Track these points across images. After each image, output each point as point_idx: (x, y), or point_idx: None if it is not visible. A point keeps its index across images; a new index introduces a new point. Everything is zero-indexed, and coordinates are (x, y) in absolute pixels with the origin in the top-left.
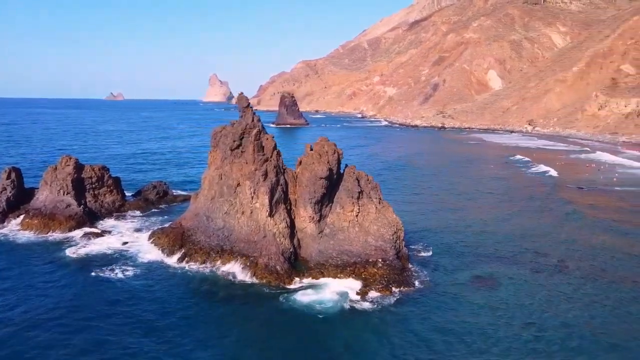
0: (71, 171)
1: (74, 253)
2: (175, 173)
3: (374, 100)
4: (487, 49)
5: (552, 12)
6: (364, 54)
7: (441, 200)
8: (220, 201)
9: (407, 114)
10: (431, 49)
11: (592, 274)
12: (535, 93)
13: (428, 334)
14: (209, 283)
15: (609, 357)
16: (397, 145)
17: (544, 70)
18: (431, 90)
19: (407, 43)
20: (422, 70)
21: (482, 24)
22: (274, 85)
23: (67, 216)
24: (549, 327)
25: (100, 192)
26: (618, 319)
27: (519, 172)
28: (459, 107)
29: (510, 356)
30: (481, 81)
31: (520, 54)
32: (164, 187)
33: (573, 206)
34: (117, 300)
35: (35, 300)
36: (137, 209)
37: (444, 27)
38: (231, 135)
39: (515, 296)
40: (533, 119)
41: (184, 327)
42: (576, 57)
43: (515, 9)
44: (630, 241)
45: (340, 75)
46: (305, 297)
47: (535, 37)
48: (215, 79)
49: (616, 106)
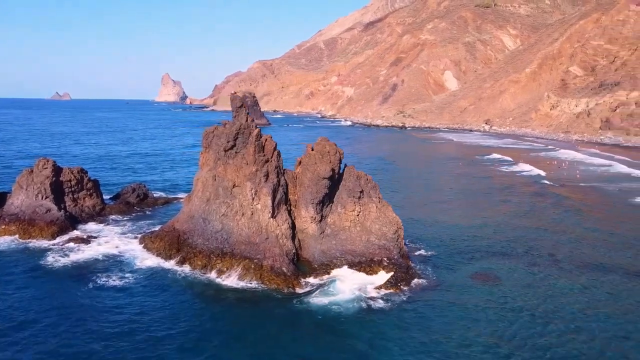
0: (49, 174)
1: (63, 260)
2: (148, 175)
3: (332, 100)
4: (443, 50)
5: (503, 15)
6: (320, 54)
7: (427, 199)
8: (216, 203)
9: (367, 113)
10: (387, 49)
11: (583, 263)
12: (490, 93)
13: (448, 328)
14: (214, 287)
15: (609, 333)
16: (367, 145)
17: (498, 71)
18: (390, 90)
19: (363, 44)
20: (380, 70)
21: (437, 26)
22: (231, 85)
23: (48, 222)
24: (554, 316)
25: (80, 196)
26: (615, 301)
27: (500, 170)
28: (418, 106)
29: (526, 346)
30: (438, 82)
31: (475, 55)
32: (144, 190)
33: (557, 200)
34: (120, 309)
35: (33, 312)
36: (119, 212)
37: (399, 28)
38: (225, 135)
39: (518, 289)
40: (490, 118)
41: (199, 334)
42: (528, 59)
43: (468, 12)
44: (610, 233)
45: (298, 75)
46: (319, 299)
47: (487, 39)
48: (168, 78)
49: (567, 106)
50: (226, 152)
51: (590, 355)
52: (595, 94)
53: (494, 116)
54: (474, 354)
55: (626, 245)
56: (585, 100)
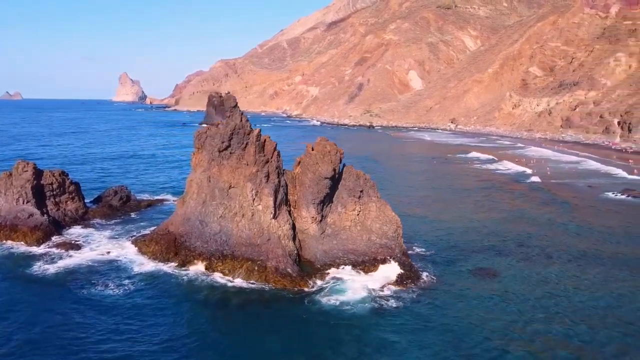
0: (30, 177)
1: (54, 267)
2: (124, 177)
3: (297, 100)
4: (407, 50)
5: (463, 16)
6: (283, 54)
7: (416, 198)
8: (213, 205)
9: (334, 113)
10: (351, 49)
11: (573, 256)
12: (455, 93)
13: (456, 323)
14: (221, 290)
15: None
16: (345, 144)
17: (461, 71)
18: (356, 90)
19: (326, 43)
20: (345, 70)
21: (400, 27)
22: (193, 84)
23: (32, 227)
24: (552, 303)
25: (62, 200)
26: (601, 284)
27: (483, 168)
28: (385, 106)
29: (535, 338)
30: (403, 81)
31: (438, 55)
32: (126, 192)
33: (537, 196)
34: (124, 316)
35: (28, 326)
36: (103, 216)
37: (362, 28)
38: (219, 136)
39: (516, 283)
40: (455, 117)
41: (211, 337)
42: (490, 59)
43: (430, 13)
44: (589, 225)
45: (261, 74)
46: (330, 298)
47: (449, 40)
48: (126, 77)
49: (529, 105)
50: (220, 153)
51: (588, 334)
52: (556, 94)
53: (459, 115)
54: (494, 345)
55: (607, 236)
56: (546, 100)
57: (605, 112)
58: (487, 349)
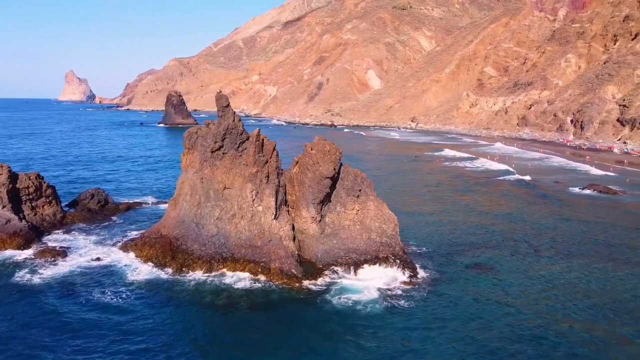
0: (5, 181)
1: (40, 276)
2: (96, 180)
3: (255, 99)
4: (365, 50)
5: (418, 17)
6: (239, 53)
7: (403, 197)
8: (208, 206)
9: (294, 112)
10: (309, 49)
11: (562, 252)
12: (414, 92)
13: (471, 318)
14: (226, 294)
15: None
16: None
17: (419, 71)
18: (316, 89)
19: (283, 42)
20: (304, 69)
21: (357, 27)
22: (145, 83)
23: (11, 233)
24: (551, 295)
25: (39, 204)
26: (599, 282)
27: (459, 165)
28: (345, 105)
29: (540, 330)
30: (362, 81)
31: (395, 55)
32: (103, 195)
33: (510, 192)
34: (129, 326)
35: (28, 339)
36: (83, 220)
37: (319, 28)
38: (211, 136)
39: (516, 279)
40: (415, 116)
41: (226, 341)
42: (447, 59)
43: (386, 13)
44: (567, 219)
45: (217, 73)
46: (338, 298)
47: (406, 40)
48: (72, 76)
49: (486, 104)
50: (213, 154)
51: (582, 315)
52: (511, 93)
53: (419, 114)
54: (511, 338)
55: (585, 229)
56: (502, 99)
57: (559, 110)
58: (506, 342)
